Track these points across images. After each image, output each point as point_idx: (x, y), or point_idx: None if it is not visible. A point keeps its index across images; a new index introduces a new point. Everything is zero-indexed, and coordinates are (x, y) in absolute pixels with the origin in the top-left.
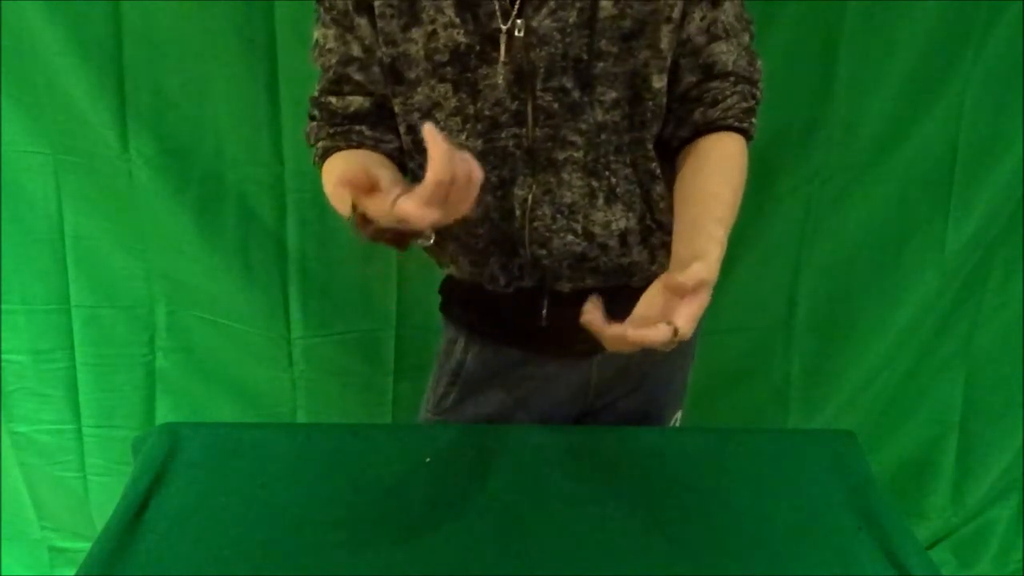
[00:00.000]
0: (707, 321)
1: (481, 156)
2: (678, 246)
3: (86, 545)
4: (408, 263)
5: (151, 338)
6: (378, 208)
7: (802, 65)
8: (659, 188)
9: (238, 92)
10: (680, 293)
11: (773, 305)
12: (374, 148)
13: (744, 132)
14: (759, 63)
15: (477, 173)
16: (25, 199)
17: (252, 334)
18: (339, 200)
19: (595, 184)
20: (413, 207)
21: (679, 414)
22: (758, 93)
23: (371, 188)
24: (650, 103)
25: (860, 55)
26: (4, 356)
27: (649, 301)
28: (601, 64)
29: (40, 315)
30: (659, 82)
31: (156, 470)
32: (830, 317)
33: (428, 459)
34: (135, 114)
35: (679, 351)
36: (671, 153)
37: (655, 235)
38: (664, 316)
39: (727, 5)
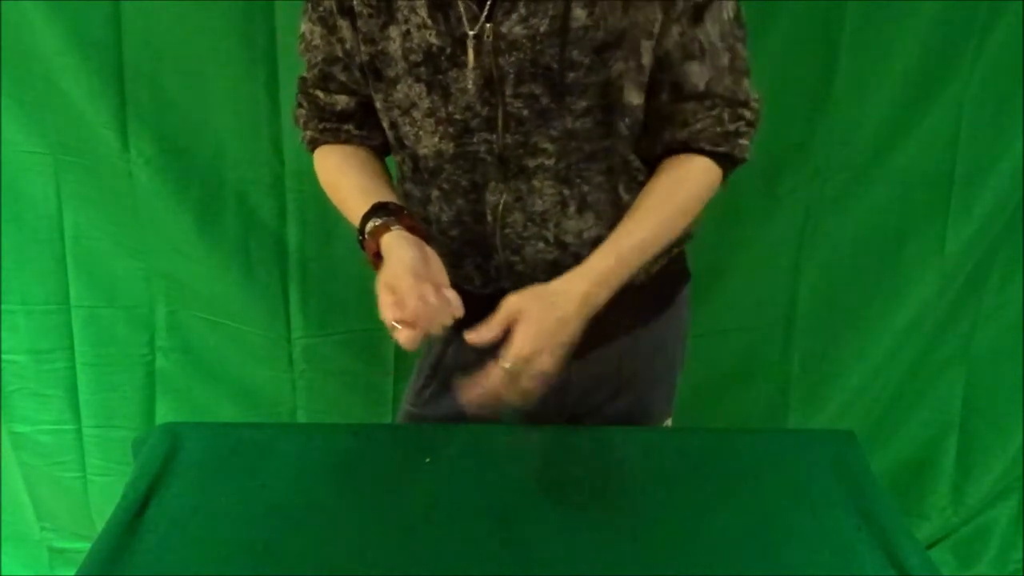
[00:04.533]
0: (707, 321)
1: (454, 159)
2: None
3: (86, 545)
4: None
5: (151, 338)
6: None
7: (802, 65)
8: (633, 199)
9: (238, 92)
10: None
11: (773, 305)
12: (360, 145)
13: (722, 157)
14: (746, 83)
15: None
16: (25, 199)
17: (252, 334)
18: (333, 193)
19: (567, 192)
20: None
21: (668, 421)
22: (748, 114)
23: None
24: (626, 119)
25: (860, 55)
26: (4, 356)
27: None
28: (572, 73)
29: (40, 315)
30: (637, 99)
31: (156, 470)
32: (830, 317)
33: (428, 459)
34: (135, 114)
35: (663, 358)
36: (651, 166)
37: None
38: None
39: (709, 24)
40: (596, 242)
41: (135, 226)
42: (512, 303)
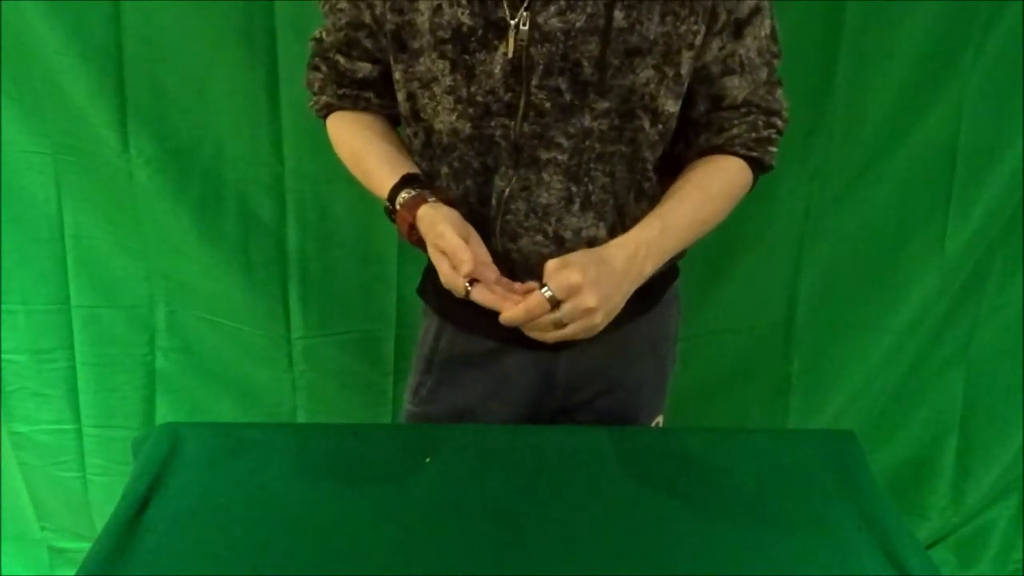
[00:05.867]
0: (707, 321)
1: (468, 140)
2: None
3: (86, 545)
4: (408, 264)
5: (151, 338)
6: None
7: (802, 65)
8: (636, 206)
9: (238, 92)
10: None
11: (773, 305)
12: (378, 114)
13: (754, 160)
14: (779, 92)
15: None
16: (25, 199)
17: (252, 334)
18: (354, 163)
19: (574, 189)
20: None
21: (660, 418)
22: (778, 122)
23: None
24: (659, 125)
25: (860, 55)
26: (4, 356)
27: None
28: (599, 73)
29: (40, 315)
30: (672, 107)
31: (156, 470)
32: (830, 317)
33: (428, 459)
34: (135, 114)
35: (653, 355)
36: (680, 169)
37: None
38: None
39: (749, 39)
40: (592, 241)
41: (135, 226)
42: (553, 263)
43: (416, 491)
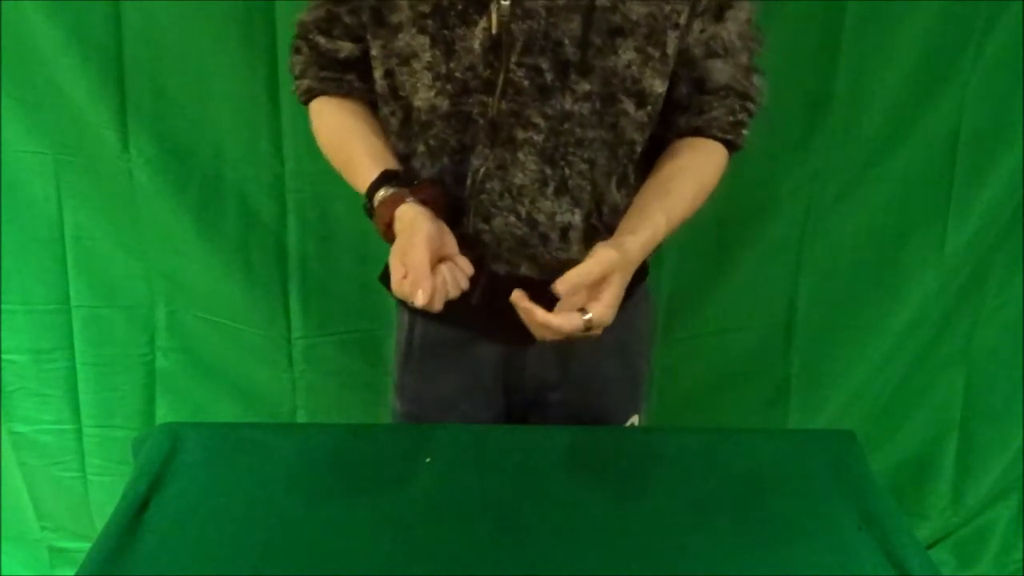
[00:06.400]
0: (707, 321)
1: (446, 117)
2: (622, 224)
3: (86, 545)
4: None
5: (151, 338)
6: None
7: (802, 65)
8: (617, 193)
9: (238, 92)
10: (589, 283)
11: (773, 305)
12: (360, 99)
13: (728, 143)
14: (756, 77)
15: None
16: (25, 199)
17: (252, 334)
18: (334, 152)
19: (548, 172)
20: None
21: (636, 417)
22: (752, 106)
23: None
24: (648, 107)
25: (860, 55)
26: (4, 356)
27: (576, 282)
28: (581, 52)
29: (40, 315)
30: (660, 87)
31: (156, 470)
32: (830, 317)
33: (428, 459)
34: (135, 114)
35: (623, 354)
36: (656, 149)
37: (599, 235)
38: (581, 303)
39: (730, 23)
40: (566, 228)
41: (135, 226)
42: (610, 261)
43: (416, 491)
